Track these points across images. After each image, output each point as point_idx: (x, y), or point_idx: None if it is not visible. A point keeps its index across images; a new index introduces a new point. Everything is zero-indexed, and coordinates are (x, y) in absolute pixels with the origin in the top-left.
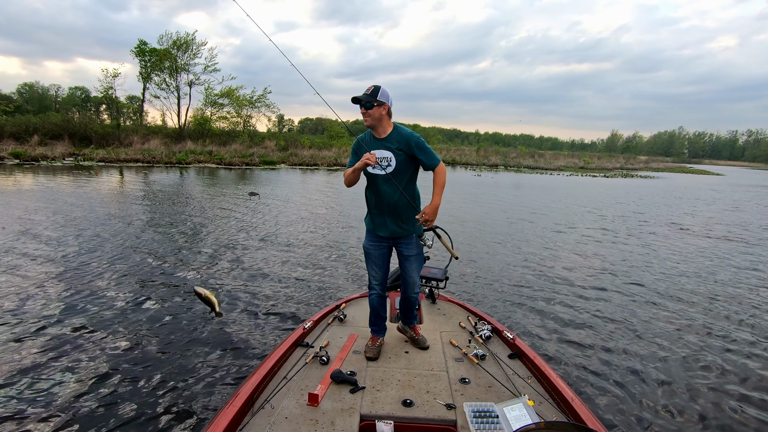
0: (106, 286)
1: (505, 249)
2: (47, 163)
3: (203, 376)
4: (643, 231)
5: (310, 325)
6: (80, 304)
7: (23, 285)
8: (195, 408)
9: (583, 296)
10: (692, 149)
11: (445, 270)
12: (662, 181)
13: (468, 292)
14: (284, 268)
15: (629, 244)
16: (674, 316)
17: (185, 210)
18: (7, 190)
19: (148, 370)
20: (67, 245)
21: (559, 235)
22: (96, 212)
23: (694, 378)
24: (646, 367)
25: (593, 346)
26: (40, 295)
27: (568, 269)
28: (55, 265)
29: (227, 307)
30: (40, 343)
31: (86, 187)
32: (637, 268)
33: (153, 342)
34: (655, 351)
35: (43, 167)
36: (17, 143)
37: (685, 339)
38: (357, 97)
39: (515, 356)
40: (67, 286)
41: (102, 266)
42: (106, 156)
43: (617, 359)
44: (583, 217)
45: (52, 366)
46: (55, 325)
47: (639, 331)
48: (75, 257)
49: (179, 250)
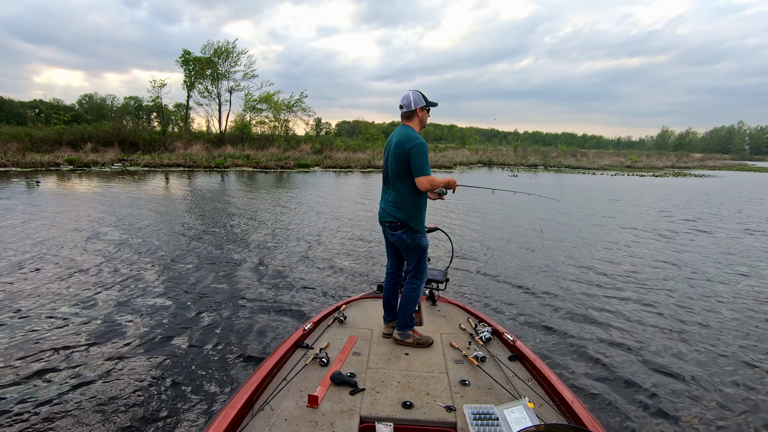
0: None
1: (508, 251)
2: (97, 169)
3: (202, 377)
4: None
5: (310, 327)
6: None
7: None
8: (194, 409)
9: (583, 297)
10: (754, 145)
11: (446, 272)
12: (721, 181)
13: (468, 294)
14: (286, 267)
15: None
16: (676, 319)
17: (221, 211)
18: (70, 194)
19: (146, 369)
20: (119, 243)
21: (559, 235)
22: (142, 211)
23: (695, 381)
24: (646, 371)
25: (594, 348)
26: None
27: (570, 271)
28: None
29: (228, 308)
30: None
31: (136, 191)
32: (655, 270)
33: (152, 342)
34: (656, 355)
35: (93, 172)
36: (73, 150)
37: (688, 344)
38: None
39: (515, 358)
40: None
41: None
42: (150, 161)
43: (618, 362)
44: (589, 219)
45: (46, 360)
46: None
47: (640, 334)
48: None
49: (193, 249)
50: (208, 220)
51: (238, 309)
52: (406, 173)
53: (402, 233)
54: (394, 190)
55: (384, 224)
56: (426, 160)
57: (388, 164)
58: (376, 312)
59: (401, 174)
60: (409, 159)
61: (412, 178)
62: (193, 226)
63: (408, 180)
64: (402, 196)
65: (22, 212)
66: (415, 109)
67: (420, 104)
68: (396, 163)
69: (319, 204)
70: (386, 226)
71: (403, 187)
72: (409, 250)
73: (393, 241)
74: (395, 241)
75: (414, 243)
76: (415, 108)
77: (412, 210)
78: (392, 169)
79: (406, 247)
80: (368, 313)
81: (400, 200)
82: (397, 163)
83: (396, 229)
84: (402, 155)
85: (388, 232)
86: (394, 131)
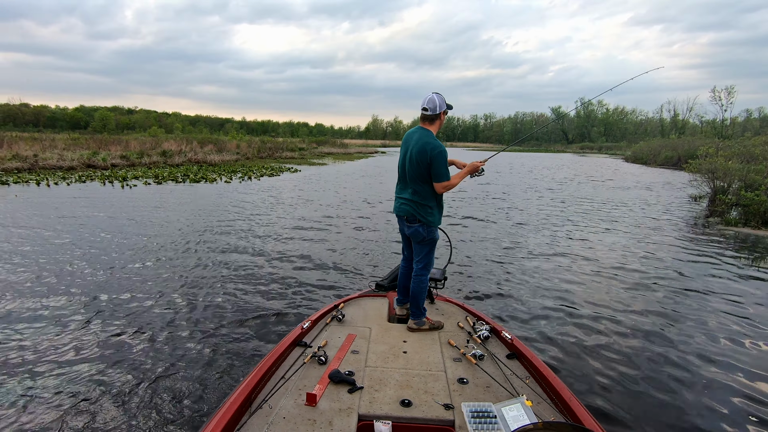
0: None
1: (506, 249)
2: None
3: (201, 376)
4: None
5: (308, 325)
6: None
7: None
8: (192, 408)
9: (583, 298)
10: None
11: (444, 270)
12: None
13: (466, 292)
14: (283, 265)
15: (627, 239)
16: (677, 315)
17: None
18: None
19: (144, 368)
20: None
21: (559, 235)
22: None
23: (694, 379)
24: (644, 368)
25: (592, 346)
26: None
27: (568, 270)
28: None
29: (225, 307)
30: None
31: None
32: (642, 266)
33: (149, 341)
34: (654, 352)
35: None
36: None
37: (687, 340)
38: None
39: (513, 356)
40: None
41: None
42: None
43: (615, 359)
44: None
45: (42, 362)
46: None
47: (638, 332)
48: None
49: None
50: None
51: (236, 307)
52: (426, 176)
53: (419, 226)
54: (411, 188)
55: (401, 218)
56: (446, 165)
57: (407, 165)
58: (375, 310)
59: (421, 176)
60: (431, 165)
61: (431, 180)
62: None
63: (427, 182)
64: (419, 194)
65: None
66: (440, 113)
67: (443, 108)
68: (417, 167)
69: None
70: (403, 220)
71: (421, 187)
72: (423, 242)
73: (409, 234)
74: (411, 233)
75: (428, 236)
76: (439, 112)
77: (428, 207)
78: (412, 170)
79: (420, 239)
80: (367, 312)
81: (418, 198)
82: (418, 167)
83: (413, 222)
84: (424, 161)
85: (405, 224)
86: (411, 131)
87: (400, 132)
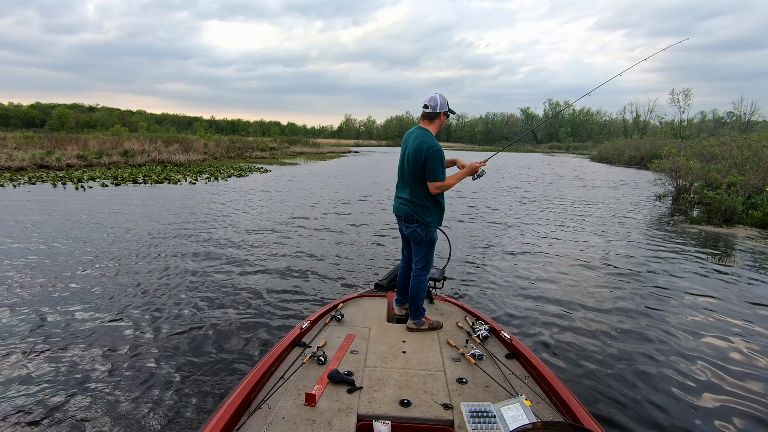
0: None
1: (506, 249)
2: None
3: (199, 376)
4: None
5: (307, 325)
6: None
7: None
8: (191, 408)
9: (583, 297)
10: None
11: (443, 270)
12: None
13: (465, 293)
14: (282, 265)
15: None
16: (675, 315)
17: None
18: None
19: (143, 368)
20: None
21: (559, 234)
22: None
23: (694, 378)
24: (643, 367)
25: (591, 346)
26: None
27: (566, 269)
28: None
29: (224, 306)
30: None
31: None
32: (637, 266)
33: (148, 341)
34: (652, 351)
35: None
36: None
37: (686, 340)
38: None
39: (512, 356)
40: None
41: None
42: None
43: (614, 359)
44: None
45: (37, 367)
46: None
47: (636, 331)
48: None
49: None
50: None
51: (234, 307)
52: (423, 176)
53: (417, 226)
54: (410, 188)
55: (400, 218)
56: (440, 166)
57: (405, 165)
58: (374, 310)
59: (418, 176)
60: (425, 165)
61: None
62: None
63: (424, 182)
64: (417, 194)
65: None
66: (439, 113)
67: (444, 109)
68: (414, 167)
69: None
70: (402, 220)
71: (418, 187)
72: (421, 242)
73: (407, 234)
74: (409, 233)
75: (426, 236)
76: (439, 111)
77: (426, 207)
78: (409, 170)
79: (419, 239)
80: (366, 312)
81: (415, 198)
82: (415, 166)
83: (411, 222)
84: (420, 161)
85: (404, 224)
86: (411, 131)
87: (373, 132)
